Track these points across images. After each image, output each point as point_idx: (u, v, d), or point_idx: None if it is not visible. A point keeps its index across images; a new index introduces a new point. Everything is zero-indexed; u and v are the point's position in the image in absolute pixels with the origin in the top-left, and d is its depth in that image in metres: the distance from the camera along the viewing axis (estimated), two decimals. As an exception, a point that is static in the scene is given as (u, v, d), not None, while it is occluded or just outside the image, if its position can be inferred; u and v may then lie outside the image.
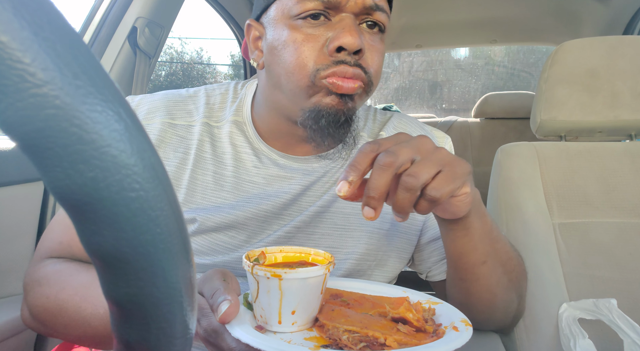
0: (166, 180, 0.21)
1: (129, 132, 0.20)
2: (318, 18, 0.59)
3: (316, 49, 0.59)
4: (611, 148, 0.96)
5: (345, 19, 0.59)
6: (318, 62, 0.59)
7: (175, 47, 7.17)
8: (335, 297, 0.55)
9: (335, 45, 0.58)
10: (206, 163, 0.68)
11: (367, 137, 0.75)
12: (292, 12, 0.60)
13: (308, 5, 0.58)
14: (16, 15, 0.17)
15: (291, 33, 0.60)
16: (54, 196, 0.19)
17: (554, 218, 0.91)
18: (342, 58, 0.59)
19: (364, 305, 0.53)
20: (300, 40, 0.59)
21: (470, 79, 4.38)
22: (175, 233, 0.22)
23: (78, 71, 0.19)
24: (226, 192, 0.67)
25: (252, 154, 0.69)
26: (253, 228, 0.67)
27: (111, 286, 0.22)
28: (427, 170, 0.47)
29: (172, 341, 0.23)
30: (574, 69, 0.98)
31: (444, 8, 1.88)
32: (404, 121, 0.77)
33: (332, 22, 0.60)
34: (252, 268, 0.47)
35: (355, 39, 0.57)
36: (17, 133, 0.18)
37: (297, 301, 0.47)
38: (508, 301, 0.70)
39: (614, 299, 0.77)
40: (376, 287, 0.59)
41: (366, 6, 0.59)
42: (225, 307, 0.45)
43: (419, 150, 0.48)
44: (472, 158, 2.42)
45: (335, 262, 0.51)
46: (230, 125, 0.70)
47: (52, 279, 0.61)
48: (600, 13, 1.69)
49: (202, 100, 0.72)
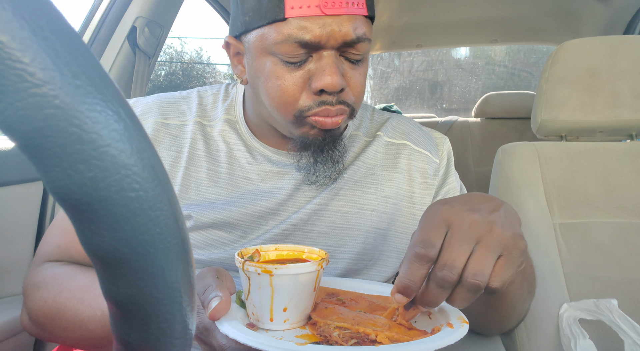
0: (166, 180, 0.21)
1: (128, 132, 0.20)
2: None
3: (299, 87, 0.59)
4: (612, 149, 0.96)
5: (325, 58, 0.57)
6: (302, 103, 0.59)
7: (175, 46, 7.17)
8: (332, 296, 0.55)
9: (316, 87, 0.57)
10: (200, 160, 0.69)
11: (362, 136, 0.74)
12: (272, 50, 0.58)
13: (286, 48, 0.57)
14: (16, 14, 0.17)
15: (273, 68, 0.59)
16: (54, 196, 0.19)
17: (555, 219, 0.91)
18: (324, 99, 0.58)
19: (360, 303, 0.52)
20: (283, 77, 0.58)
21: (471, 78, 4.38)
22: (175, 233, 0.22)
23: (77, 71, 0.19)
24: (220, 188, 0.68)
25: (245, 151, 0.70)
26: (249, 224, 0.67)
27: (110, 287, 0.22)
28: (489, 263, 0.42)
29: (171, 342, 0.23)
30: (575, 68, 0.98)
31: (445, 8, 1.88)
32: (402, 122, 0.78)
33: (314, 58, 0.58)
34: (243, 265, 0.47)
35: (336, 80, 0.56)
36: (16, 133, 0.18)
37: (288, 298, 0.47)
38: (524, 311, 0.70)
39: (614, 299, 0.77)
40: (374, 286, 0.58)
41: (347, 41, 0.57)
42: (215, 304, 0.45)
43: (473, 237, 0.43)
44: (473, 158, 2.42)
45: (330, 260, 0.50)
46: (223, 124, 0.71)
47: (50, 283, 0.61)
48: (601, 13, 1.69)
49: (195, 100, 0.73)
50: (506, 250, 0.43)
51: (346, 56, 0.59)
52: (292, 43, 0.56)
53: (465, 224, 0.43)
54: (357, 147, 0.73)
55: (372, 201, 0.70)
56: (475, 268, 0.41)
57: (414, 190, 0.73)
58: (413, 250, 0.43)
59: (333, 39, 0.56)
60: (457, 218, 0.44)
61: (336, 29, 0.55)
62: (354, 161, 0.72)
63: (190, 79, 7.13)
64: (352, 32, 0.56)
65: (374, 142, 0.74)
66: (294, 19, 0.55)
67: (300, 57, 0.57)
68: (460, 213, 0.44)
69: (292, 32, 0.55)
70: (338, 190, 0.69)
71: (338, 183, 0.70)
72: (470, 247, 0.42)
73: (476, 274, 0.41)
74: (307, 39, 0.55)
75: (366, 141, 0.74)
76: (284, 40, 0.56)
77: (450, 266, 0.42)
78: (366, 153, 0.72)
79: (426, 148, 0.75)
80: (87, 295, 0.57)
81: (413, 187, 0.73)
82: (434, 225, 0.44)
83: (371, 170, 0.72)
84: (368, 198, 0.70)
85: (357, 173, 0.71)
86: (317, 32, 0.55)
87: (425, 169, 0.74)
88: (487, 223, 0.44)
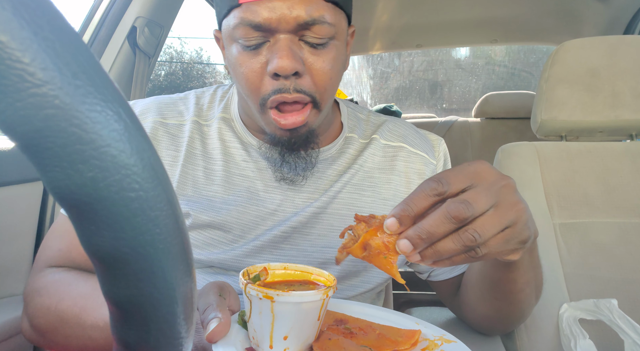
0: (166, 180, 0.21)
1: (128, 132, 0.20)
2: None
3: (259, 73, 0.59)
4: (612, 148, 0.96)
5: (279, 41, 0.57)
6: (263, 89, 0.59)
7: (175, 46, 7.17)
8: (340, 323, 0.52)
9: (270, 70, 0.57)
10: (196, 159, 0.69)
11: (358, 138, 0.74)
12: (234, 36, 0.59)
13: (241, 32, 0.57)
14: (16, 14, 0.17)
15: (237, 55, 0.60)
16: (54, 196, 0.19)
17: (555, 218, 0.91)
18: (279, 86, 0.58)
19: (369, 335, 0.49)
20: (245, 63, 0.59)
21: (471, 78, 4.38)
22: (175, 234, 0.22)
23: (77, 71, 0.18)
24: (217, 186, 0.68)
25: (240, 148, 0.70)
26: (246, 223, 0.67)
27: (110, 287, 0.22)
28: (495, 227, 0.40)
29: (171, 342, 0.23)
30: (575, 68, 0.98)
31: (445, 8, 1.88)
32: (398, 125, 0.78)
33: (271, 42, 0.58)
34: (246, 287, 0.44)
35: (287, 62, 0.55)
36: (16, 133, 0.18)
37: (289, 327, 0.44)
38: (529, 312, 0.70)
39: (614, 299, 0.77)
40: (387, 315, 0.55)
41: (300, 23, 0.56)
42: (214, 326, 0.44)
43: (497, 197, 0.41)
44: (473, 158, 2.42)
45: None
46: (219, 122, 0.72)
47: (52, 289, 0.60)
48: (601, 12, 1.69)
49: (192, 101, 0.74)
50: (515, 223, 0.42)
51: (306, 40, 0.58)
52: (245, 26, 0.57)
53: (495, 183, 0.42)
54: (354, 150, 0.73)
55: (369, 204, 0.70)
56: (481, 225, 0.40)
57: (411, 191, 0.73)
58: (426, 181, 0.41)
59: (285, 21, 0.56)
60: (488, 175, 0.43)
61: (287, 11, 0.55)
62: (352, 164, 0.72)
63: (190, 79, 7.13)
64: (304, 14, 0.56)
65: (370, 144, 0.74)
66: (247, 3, 0.56)
67: (255, 40, 0.58)
68: (492, 172, 0.43)
69: (245, 16, 0.56)
70: (337, 193, 0.69)
71: (336, 186, 0.69)
72: (490, 203, 0.41)
73: (477, 231, 0.39)
74: (257, 21, 0.56)
75: (362, 143, 0.74)
76: (238, 23, 0.57)
77: (469, 204, 0.39)
78: (363, 156, 0.72)
79: (423, 149, 0.75)
80: (89, 303, 0.56)
81: (410, 189, 0.73)
82: (458, 171, 0.42)
83: (369, 173, 0.72)
84: (366, 201, 0.70)
85: (355, 176, 0.71)
86: (266, 14, 0.55)
87: (422, 170, 0.74)
88: (512, 190, 0.43)
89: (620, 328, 0.73)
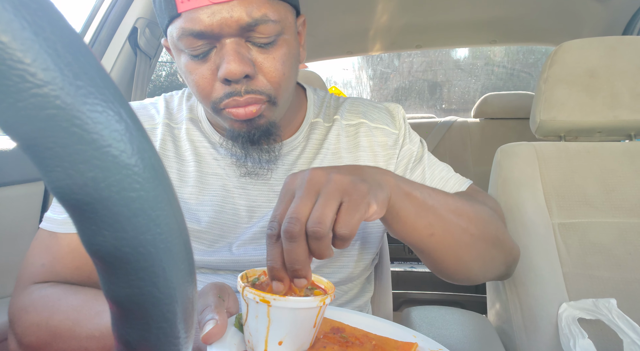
0: (167, 181, 0.21)
1: (129, 133, 0.20)
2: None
3: (209, 79, 0.58)
4: (610, 149, 0.96)
5: (225, 46, 0.56)
6: (215, 95, 0.59)
7: (175, 47, 7.14)
8: (336, 331, 0.51)
9: (220, 76, 0.57)
10: (170, 161, 0.69)
11: (322, 123, 0.75)
12: (179, 46, 0.58)
13: (185, 43, 0.56)
14: (17, 15, 0.17)
15: (186, 63, 0.59)
16: (55, 196, 0.19)
17: (554, 218, 0.91)
18: (230, 90, 0.58)
19: (365, 345, 0.49)
20: (194, 71, 0.59)
21: (470, 79, 4.38)
22: (176, 233, 0.22)
23: (79, 71, 0.19)
24: (191, 187, 0.68)
25: (210, 147, 0.70)
26: (225, 222, 0.68)
27: (111, 286, 0.22)
28: (329, 209, 0.43)
29: (172, 341, 0.23)
30: (574, 69, 0.98)
31: (444, 8, 1.88)
32: (356, 103, 0.79)
33: (218, 48, 0.57)
34: (243, 290, 0.44)
35: (235, 67, 0.55)
36: (17, 133, 0.18)
37: (285, 332, 0.44)
38: (482, 255, 0.66)
39: (613, 299, 0.77)
40: (384, 326, 0.54)
41: (243, 26, 0.55)
42: (210, 327, 0.44)
43: (313, 189, 0.45)
44: (472, 158, 2.42)
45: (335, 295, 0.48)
46: (187, 123, 0.72)
47: (40, 305, 0.58)
48: (600, 13, 1.69)
49: (162, 104, 0.75)
50: (347, 196, 0.45)
51: (253, 41, 0.57)
52: (188, 36, 0.56)
53: (304, 182, 0.45)
54: (319, 134, 0.74)
55: None
56: (314, 217, 0.43)
57: (379, 163, 0.74)
58: (267, 235, 0.45)
59: (226, 26, 0.54)
60: (297, 179, 0.47)
61: (227, 15, 0.54)
62: (319, 149, 0.73)
63: (189, 80, 7.11)
64: (246, 16, 0.54)
65: (333, 126, 0.75)
66: (186, 12, 0.55)
67: (201, 48, 0.57)
68: (300, 175, 0.47)
69: (185, 26, 0.55)
70: None
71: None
72: (312, 199, 0.44)
73: (315, 222, 0.42)
74: (199, 29, 0.55)
75: (326, 127, 0.75)
76: (181, 34, 0.56)
77: (292, 218, 0.43)
78: (329, 139, 0.73)
79: (383, 122, 0.76)
80: (81, 315, 0.55)
81: (378, 162, 0.74)
82: (279, 200, 0.47)
83: (336, 154, 0.73)
84: None
85: (324, 160, 0.72)
86: (207, 21, 0.54)
87: (385, 142, 0.75)
88: (324, 175, 0.46)
89: (619, 327, 0.73)
